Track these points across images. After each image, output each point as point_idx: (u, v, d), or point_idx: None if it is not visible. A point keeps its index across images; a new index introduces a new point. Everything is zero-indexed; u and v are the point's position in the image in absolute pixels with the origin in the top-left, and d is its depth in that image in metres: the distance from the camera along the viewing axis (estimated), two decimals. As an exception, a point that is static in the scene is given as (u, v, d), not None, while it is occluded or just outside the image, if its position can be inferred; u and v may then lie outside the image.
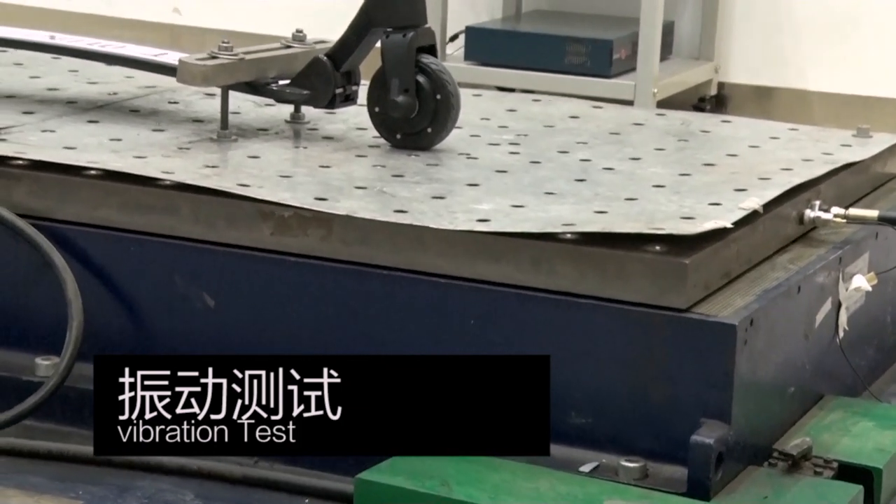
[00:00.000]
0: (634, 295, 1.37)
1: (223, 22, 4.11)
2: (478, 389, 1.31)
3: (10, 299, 1.57)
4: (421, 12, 1.71)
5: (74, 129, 1.73)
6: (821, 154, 1.76)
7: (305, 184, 1.56)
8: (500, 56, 3.60)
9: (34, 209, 1.55)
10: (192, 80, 1.70)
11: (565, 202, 1.52)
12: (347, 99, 1.75)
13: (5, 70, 1.99)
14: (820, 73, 3.74)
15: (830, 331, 1.56)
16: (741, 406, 1.36)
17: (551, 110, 1.95)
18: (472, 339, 1.40)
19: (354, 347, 1.43)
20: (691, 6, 3.82)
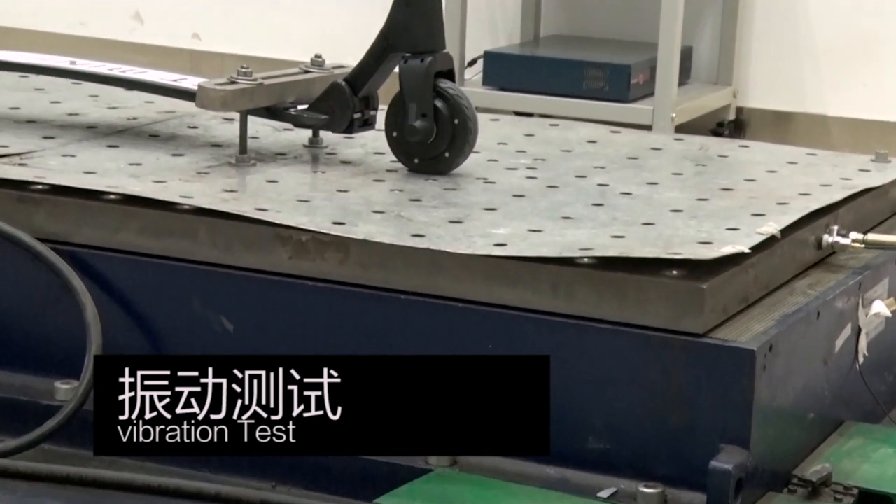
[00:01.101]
0: (652, 320, 1.37)
1: (242, 47, 4.13)
2: (478, 389, 1.30)
3: (29, 323, 1.57)
4: (439, 37, 1.72)
5: (94, 154, 1.74)
6: (839, 179, 1.76)
7: (323, 208, 1.57)
8: (518, 81, 3.61)
9: (54, 233, 1.56)
10: (211, 104, 1.71)
11: (583, 227, 1.52)
12: (365, 123, 1.75)
13: (26, 95, 2.00)
14: (838, 98, 3.74)
15: (850, 356, 1.56)
16: (760, 432, 1.35)
17: (569, 135, 1.95)
18: (490, 364, 1.39)
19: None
20: (710, 31, 3.82)
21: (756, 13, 3.78)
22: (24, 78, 2.06)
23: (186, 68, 3.87)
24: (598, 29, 3.88)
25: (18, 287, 1.57)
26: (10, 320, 1.58)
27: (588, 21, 3.90)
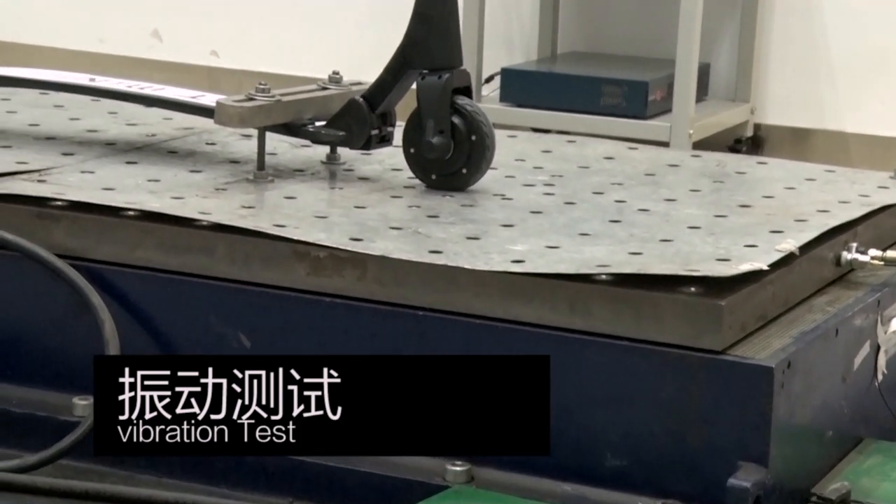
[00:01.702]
0: (670, 337, 1.36)
1: (260, 64, 4.15)
2: (478, 389, 1.30)
3: (47, 339, 1.57)
4: (457, 54, 1.72)
5: (113, 170, 1.74)
6: (858, 196, 1.75)
7: (341, 224, 1.57)
8: (535, 97, 3.61)
9: (73, 249, 1.56)
10: (229, 121, 1.71)
11: (600, 243, 1.52)
12: (383, 140, 1.76)
13: (46, 112, 2.01)
14: (856, 114, 3.73)
15: (869, 374, 1.55)
16: (779, 449, 1.34)
17: (586, 151, 1.95)
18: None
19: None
20: (727, 48, 3.82)
21: (774, 30, 3.78)
22: (44, 95, 2.07)
23: (204, 85, 3.88)
24: (615, 45, 3.88)
25: (37, 303, 1.57)
26: (29, 336, 1.59)
27: (605, 37, 3.90)
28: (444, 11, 1.70)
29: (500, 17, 3.92)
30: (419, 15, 1.70)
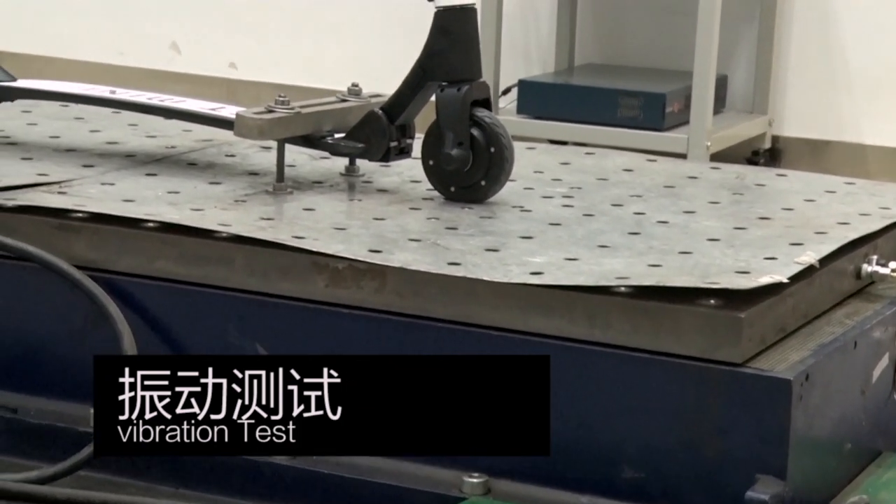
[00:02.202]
0: (689, 349, 1.36)
1: (279, 76, 4.16)
2: (478, 389, 1.30)
3: (66, 350, 1.58)
4: (476, 66, 1.72)
5: (133, 182, 1.75)
6: (878, 208, 1.75)
7: (360, 236, 1.57)
8: (552, 109, 3.61)
9: (93, 261, 1.57)
10: (248, 133, 1.72)
11: (619, 255, 1.52)
12: (402, 152, 1.76)
13: (67, 124, 2.02)
14: (875, 126, 3.72)
15: (888, 387, 1.55)
16: (797, 462, 1.34)
17: (605, 163, 1.95)
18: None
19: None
20: (745, 60, 3.81)
21: (792, 42, 3.78)
22: (65, 107, 2.08)
23: (223, 97, 3.90)
24: (632, 57, 3.88)
25: (56, 314, 1.58)
26: (48, 347, 1.59)
27: (622, 49, 3.90)
28: (465, 24, 1.71)
29: (517, 29, 3.93)
30: (439, 28, 1.70)
